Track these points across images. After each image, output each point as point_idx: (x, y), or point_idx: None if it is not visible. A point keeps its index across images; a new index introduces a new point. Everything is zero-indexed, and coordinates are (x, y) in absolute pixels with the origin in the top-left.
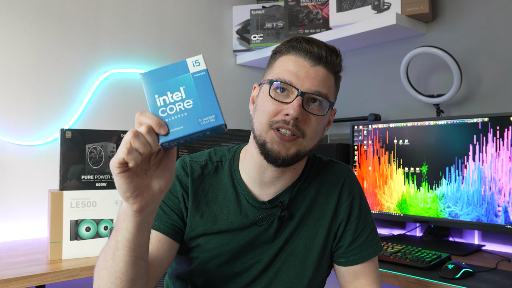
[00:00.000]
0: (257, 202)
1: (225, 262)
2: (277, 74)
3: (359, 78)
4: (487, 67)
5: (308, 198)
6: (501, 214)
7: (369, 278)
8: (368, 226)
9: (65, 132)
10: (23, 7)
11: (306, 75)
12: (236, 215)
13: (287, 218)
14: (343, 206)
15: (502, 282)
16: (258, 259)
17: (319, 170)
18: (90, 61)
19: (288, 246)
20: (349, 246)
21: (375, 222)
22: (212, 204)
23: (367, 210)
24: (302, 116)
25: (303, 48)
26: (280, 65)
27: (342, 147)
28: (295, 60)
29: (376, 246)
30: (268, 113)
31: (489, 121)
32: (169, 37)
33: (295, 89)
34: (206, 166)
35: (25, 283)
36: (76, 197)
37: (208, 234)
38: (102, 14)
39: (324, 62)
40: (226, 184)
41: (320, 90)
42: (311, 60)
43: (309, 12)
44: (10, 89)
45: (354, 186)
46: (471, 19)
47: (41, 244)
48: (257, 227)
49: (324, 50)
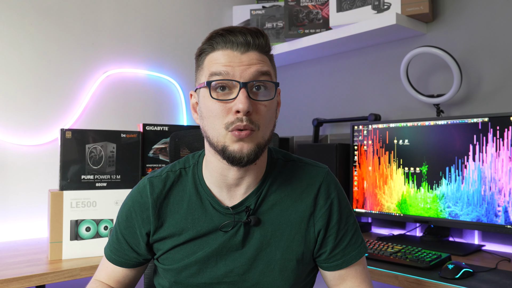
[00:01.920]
0: (222, 207)
1: (195, 272)
2: (210, 73)
3: (359, 78)
4: (487, 67)
5: (279, 204)
6: (501, 214)
7: (357, 280)
8: (350, 229)
9: (65, 132)
10: (23, 7)
11: (240, 62)
12: (201, 222)
13: (253, 224)
14: (321, 213)
15: (502, 282)
16: (230, 269)
17: (292, 173)
18: (90, 61)
19: (263, 255)
20: (332, 252)
21: (375, 222)
22: (177, 215)
23: (348, 212)
24: (252, 107)
25: (227, 40)
26: (208, 63)
27: (342, 147)
28: (223, 53)
29: (359, 248)
30: (218, 116)
31: (489, 121)
32: (169, 37)
33: (235, 82)
34: (167, 177)
35: (25, 283)
36: (76, 197)
37: (176, 246)
38: (102, 14)
39: (252, 46)
40: (190, 191)
41: (261, 70)
42: (240, 48)
43: (309, 12)
44: (10, 89)
45: (332, 190)
46: (471, 19)
47: (41, 244)
48: (223, 234)
49: (248, 35)
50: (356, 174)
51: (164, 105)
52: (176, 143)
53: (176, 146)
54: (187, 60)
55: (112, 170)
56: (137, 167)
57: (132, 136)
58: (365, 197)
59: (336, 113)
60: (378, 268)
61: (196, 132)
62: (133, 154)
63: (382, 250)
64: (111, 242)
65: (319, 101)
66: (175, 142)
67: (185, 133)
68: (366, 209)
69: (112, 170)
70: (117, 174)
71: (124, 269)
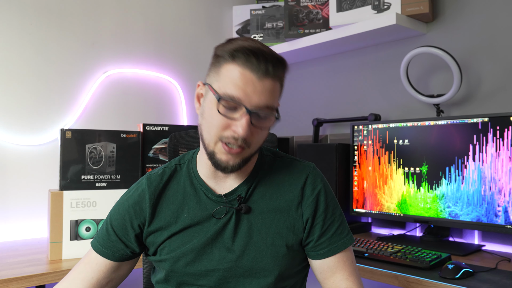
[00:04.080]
0: (215, 195)
1: (191, 260)
2: (224, 88)
3: (359, 78)
4: (487, 67)
5: (269, 194)
6: (501, 214)
7: (346, 272)
8: (336, 220)
9: (65, 132)
10: (23, 7)
11: (253, 90)
12: (196, 210)
13: (244, 212)
14: (308, 202)
15: (502, 282)
16: (224, 255)
17: (281, 168)
18: (90, 61)
19: (255, 241)
20: (318, 240)
21: (375, 222)
22: (172, 206)
23: (334, 204)
24: (250, 133)
25: (249, 60)
26: (227, 75)
27: (342, 147)
28: (241, 72)
29: (345, 238)
30: (217, 127)
31: (489, 121)
32: (169, 37)
33: (243, 106)
34: (164, 173)
35: (25, 283)
36: (76, 197)
37: (173, 235)
38: (102, 14)
39: (271, 75)
40: (185, 183)
41: (268, 104)
42: (258, 73)
43: (309, 12)
44: (10, 89)
45: (318, 182)
46: (471, 19)
47: (41, 244)
48: (216, 221)
49: (270, 64)
50: (356, 174)
51: (164, 105)
52: (175, 144)
53: (175, 146)
54: (187, 60)
55: (112, 170)
56: (137, 167)
57: (132, 136)
58: (365, 197)
59: (336, 113)
60: (378, 268)
61: (195, 133)
62: (133, 154)
63: (382, 250)
64: (100, 234)
65: (319, 101)
66: (174, 142)
67: (184, 133)
68: (366, 209)
69: (112, 170)
70: (117, 174)
71: (108, 263)
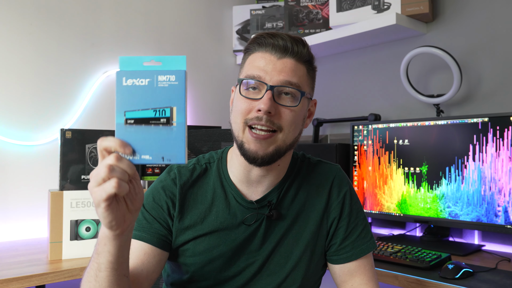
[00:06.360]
0: (245, 201)
1: (220, 266)
2: (246, 72)
3: (359, 78)
4: (487, 67)
5: (297, 199)
6: (501, 214)
7: (365, 276)
8: (360, 223)
9: (65, 132)
10: (23, 7)
11: (273, 68)
12: (225, 214)
13: (275, 218)
14: (334, 204)
15: (502, 282)
16: (251, 261)
17: (308, 171)
18: (90, 61)
19: (280, 247)
20: (342, 243)
21: (375, 222)
22: (201, 205)
23: (358, 207)
24: (274, 110)
25: (268, 43)
26: (249, 63)
27: (342, 147)
28: (262, 56)
29: (369, 243)
30: (241, 112)
31: (489, 121)
32: (169, 37)
33: (264, 84)
34: (194, 169)
35: (25, 283)
36: (76, 197)
37: (198, 237)
38: (102, 14)
39: (290, 53)
40: (215, 184)
41: (290, 80)
42: (277, 53)
43: (309, 12)
44: (10, 89)
45: (344, 184)
46: (471, 19)
47: (41, 244)
48: (246, 227)
49: (289, 41)
50: (356, 174)
51: None
52: None
53: None
54: (187, 60)
55: None
56: (136, 167)
57: None
58: (365, 197)
59: (336, 113)
60: (378, 268)
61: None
62: None
63: (382, 250)
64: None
65: (319, 101)
66: None
67: None
68: (366, 209)
69: None
70: None
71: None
